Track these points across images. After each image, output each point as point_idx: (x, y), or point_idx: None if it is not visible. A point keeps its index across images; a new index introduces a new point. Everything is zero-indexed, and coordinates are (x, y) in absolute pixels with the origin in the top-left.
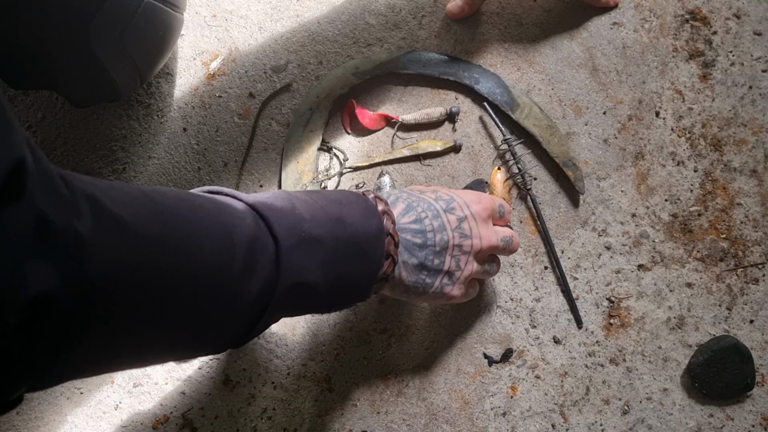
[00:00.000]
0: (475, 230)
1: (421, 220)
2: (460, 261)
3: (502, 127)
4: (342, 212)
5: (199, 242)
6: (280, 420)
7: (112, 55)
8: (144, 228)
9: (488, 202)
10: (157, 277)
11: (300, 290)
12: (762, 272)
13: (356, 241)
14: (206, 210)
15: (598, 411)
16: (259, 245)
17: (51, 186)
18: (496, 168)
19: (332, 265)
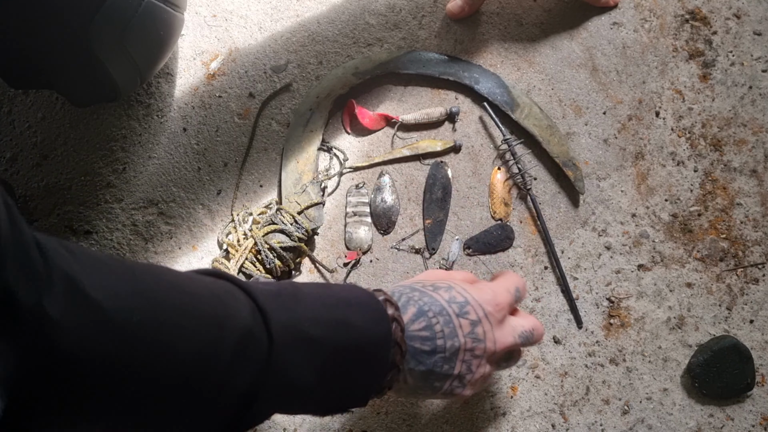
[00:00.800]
0: (489, 334)
1: (432, 326)
2: (471, 365)
3: (502, 127)
4: (349, 314)
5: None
6: (280, 420)
7: (112, 54)
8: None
9: (504, 298)
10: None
11: (290, 392)
12: (762, 272)
13: (359, 348)
14: (199, 298)
15: (598, 411)
16: (252, 340)
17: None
18: (495, 168)
19: (329, 369)
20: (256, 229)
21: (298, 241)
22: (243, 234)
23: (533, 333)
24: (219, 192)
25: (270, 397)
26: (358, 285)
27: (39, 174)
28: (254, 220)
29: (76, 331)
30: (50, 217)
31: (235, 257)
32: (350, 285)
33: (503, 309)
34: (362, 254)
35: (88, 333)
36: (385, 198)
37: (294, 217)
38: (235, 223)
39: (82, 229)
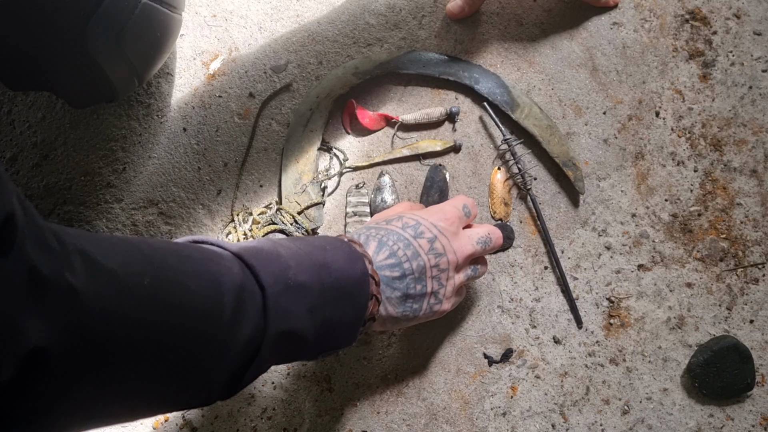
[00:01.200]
0: (447, 246)
1: (395, 253)
2: (441, 279)
3: (502, 127)
4: (326, 258)
5: (189, 292)
6: (280, 420)
7: (109, 56)
8: (136, 280)
9: (452, 213)
10: (149, 328)
11: (288, 337)
12: (762, 272)
13: (341, 286)
14: (194, 260)
15: (598, 411)
16: (247, 293)
17: (41, 239)
18: (496, 168)
19: (319, 310)
20: (256, 229)
21: None
22: (243, 234)
23: (490, 236)
24: (219, 192)
25: (270, 345)
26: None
27: (39, 174)
28: (254, 220)
29: (98, 299)
30: (50, 217)
31: None
32: (321, 235)
33: (454, 222)
34: None
35: (109, 299)
36: (385, 198)
37: (294, 217)
38: (235, 223)
39: (82, 228)
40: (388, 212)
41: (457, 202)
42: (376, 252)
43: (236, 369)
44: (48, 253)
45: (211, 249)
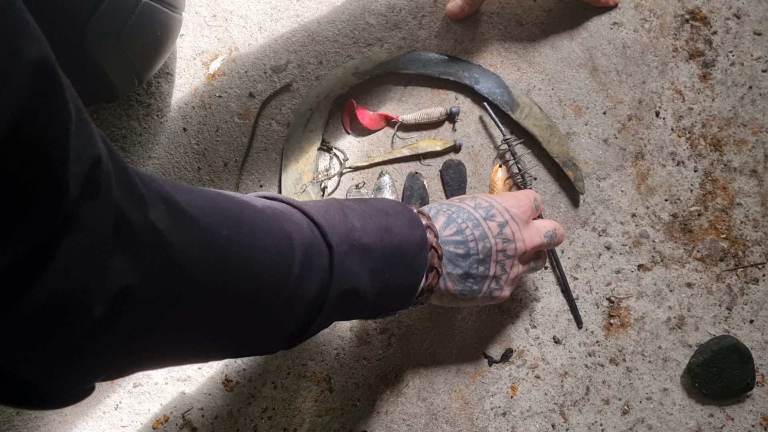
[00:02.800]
0: (517, 233)
1: (462, 230)
2: (505, 265)
3: (502, 127)
4: (389, 222)
5: (262, 245)
6: (280, 420)
7: (109, 56)
8: (215, 228)
9: (526, 202)
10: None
11: (350, 296)
12: (762, 272)
13: (402, 251)
14: (267, 215)
15: (598, 411)
16: (315, 251)
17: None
18: (496, 166)
19: (380, 272)
20: None
21: None
22: None
23: (556, 232)
24: None
25: (333, 302)
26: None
27: None
28: None
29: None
30: None
31: None
32: (385, 198)
33: (527, 211)
34: None
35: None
36: (385, 198)
37: None
38: None
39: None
40: (462, 195)
41: (529, 193)
42: (444, 227)
43: (301, 322)
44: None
45: (283, 207)
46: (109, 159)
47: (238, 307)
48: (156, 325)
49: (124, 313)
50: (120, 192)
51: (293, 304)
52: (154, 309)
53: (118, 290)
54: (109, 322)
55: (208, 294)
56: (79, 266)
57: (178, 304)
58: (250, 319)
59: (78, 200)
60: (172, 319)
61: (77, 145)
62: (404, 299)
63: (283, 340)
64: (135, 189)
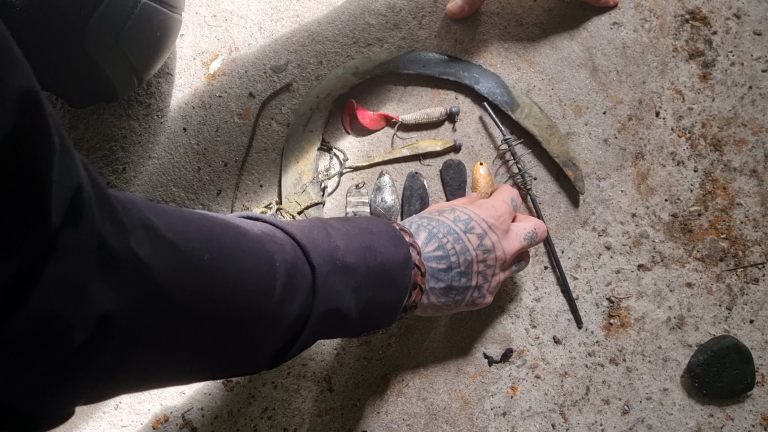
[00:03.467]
0: (497, 243)
1: (443, 245)
2: (486, 274)
3: (502, 127)
4: (373, 241)
5: (245, 267)
6: (280, 420)
7: (108, 56)
8: (197, 252)
9: (503, 208)
10: (209, 299)
11: (333, 315)
12: (762, 272)
13: (385, 269)
14: (250, 236)
15: (598, 411)
16: (298, 271)
17: (109, 211)
18: (477, 164)
19: (363, 291)
20: None
21: None
22: None
23: (536, 231)
24: (219, 192)
25: (316, 322)
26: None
27: None
28: None
29: (163, 270)
30: None
31: None
32: (368, 217)
33: (505, 220)
34: None
35: (172, 271)
36: (385, 198)
37: (294, 217)
38: None
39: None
40: (442, 204)
41: (505, 196)
42: (425, 243)
43: (284, 341)
44: (115, 224)
45: (266, 227)
46: (91, 186)
47: (221, 329)
48: (138, 350)
49: (105, 339)
50: (101, 219)
51: (276, 325)
52: (136, 335)
53: (100, 316)
54: (91, 348)
55: (190, 318)
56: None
57: (160, 330)
58: (233, 341)
59: (60, 227)
60: (154, 344)
61: (60, 173)
62: (388, 316)
63: (266, 359)
64: (116, 216)
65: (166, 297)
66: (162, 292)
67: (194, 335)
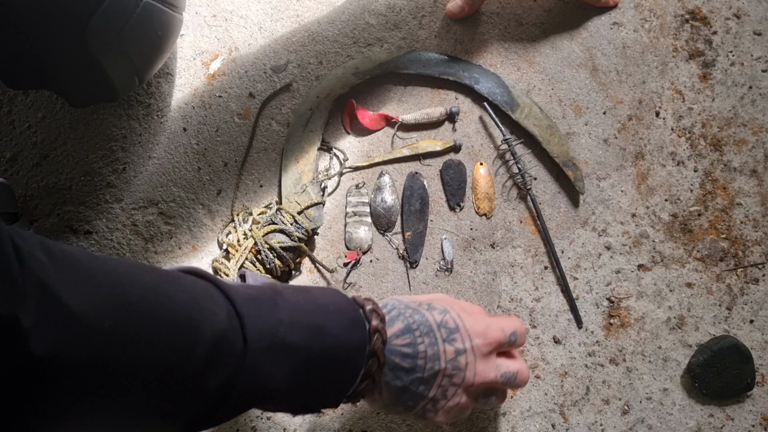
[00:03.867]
0: (471, 365)
1: (415, 344)
2: (447, 391)
3: (502, 127)
4: (326, 321)
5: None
6: (280, 420)
7: (110, 55)
8: (93, 320)
9: (495, 335)
10: (105, 371)
11: (262, 393)
12: (762, 272)
13: (333, 354)
14: (175, 302)
15: (598, 411)
16: (227, 344)
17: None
18: (477, 164)
19: (301, 373)
20: (256, 229)
21: (298, 241)
22: (243, 234)
23: (516, 376)
24: (219, 192)
25: (242, 396)
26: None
27: (39, 174)
28: (254, 220)
29: (49, 340)
30: (50, 217)
31: (235, 257)
32: (332, 290)
33: (491, 345)
34: (362, 254)
35: (61, 341)
36: (385, 198)
37: (294, 217)
38: (235, 223)
39: (82, 229)
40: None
41: (509, 326)
42: (397, 335)
43: (203, 411)
44: (4, 286)
45: (205, 290)
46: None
47: (126, 399)
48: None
49: None
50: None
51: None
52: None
53: None
54: None
55: (87, 386)
56: None
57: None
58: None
59: None
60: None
61: None
62: (329, 401)
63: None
64: (9, 278)
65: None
66: (46, 363)
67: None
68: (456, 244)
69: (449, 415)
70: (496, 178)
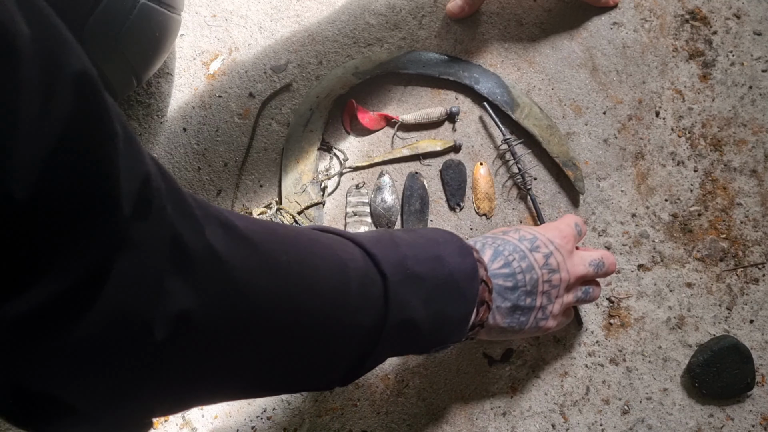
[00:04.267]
0: (562, 264)
1: (509, 263)
2: (551, 295)
3: (502, 127)
4: (440, 250)
5: (320, 274)
6: (280, 420)
7: (107, 56)
8: (275, 254)
9: (569, 231)
10: (287, 301)
11: (405, 327)
12: (762, 272)
13: (454, 280)
14: (322, 244)
15: (598, 411)
16: (370, 280)
17: (182, 205)
18: (477, 164)
19: (433, 302)
20: None
21: None
22: None
23: (603, 261)
24: (219, 192)
25: (390, 333)
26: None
27: None
28: None
29: (242, 267)
30: None
31: None
32: (433, 228)
33: (570, 240)
34: None
35: (250, 269)
36: (385, 198)
37: (294, 217)
38: None
39: None
40: (504, 228)
41: (570, 221)
42: (492, 260)
43: (358, 355)
44: (189, 218)
45: (334, 237)
46: (160, 177)
47: (298, 335)
48: (216, 352)
49: (183, 338)
50: (175, 213)
51: (351, 335)
52: (214, 335)
53: (177, 314)
54: (169, 347)
55: (268, 320)
56: (135, 289)
57: (238, 330)
58: (310, 351)
59: (130, 219)
60: (232, 347)
61: (126, 161)
62: (458, 331)
63: (341, 374)
64: (189, 210)
65: (244, 297)
66: (240, 291)
67: (272, 339)
68: None
69: (559, 319)
70: (496, 178)
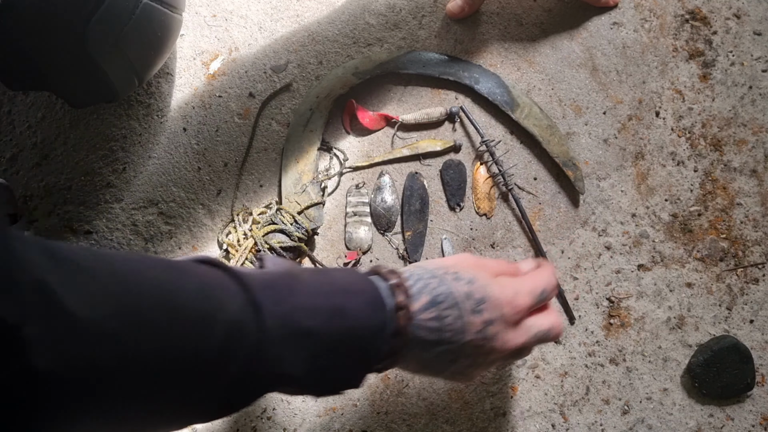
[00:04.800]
0: (500, 334)
1: (441, 318)
2: (477, 359)
3: (479, 129)
4: (346, 302)
5: (165, 333)
6: (280, 420)
7: (109, 56)
8: (97, 323)
9: (524, 302)
10: (113, 373)
11: (281, 380)
12: (762, 272)
13: (354, 335)
14: (185, 294)
15: (598, 411)
16: (241, 334)
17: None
18: (478, 164)
19: (320, 358)
20: (256, 229)
21: (298, 241)
22: (243, 234)
23: (549, 332)
24: (219, 192)
25: (261, 383)
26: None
27: (39, 174)
28: (254, 220)
29: (52, 347)
30: (50, 217)
31: (235, 257)
32: (350, 270)
33: (521, 312)
34: (362, 254)
35: (64, 347)
36: (385, 198)
37: (294, 217)
38: (235, 223)
39: (82, 229)
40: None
41: (538, 285)
42: (423, 309)
43: (226, 398)
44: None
45: (217, 279)
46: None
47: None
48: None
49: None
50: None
51: (211, 385)
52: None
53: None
54: None
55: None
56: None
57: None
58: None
59: None
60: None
61: None
62: (351, 382)
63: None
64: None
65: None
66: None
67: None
68: (456, 244)
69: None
70: None
